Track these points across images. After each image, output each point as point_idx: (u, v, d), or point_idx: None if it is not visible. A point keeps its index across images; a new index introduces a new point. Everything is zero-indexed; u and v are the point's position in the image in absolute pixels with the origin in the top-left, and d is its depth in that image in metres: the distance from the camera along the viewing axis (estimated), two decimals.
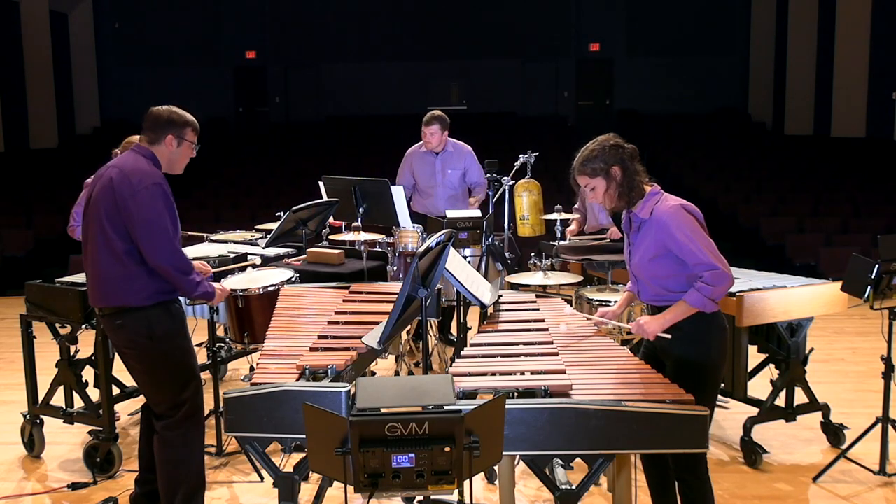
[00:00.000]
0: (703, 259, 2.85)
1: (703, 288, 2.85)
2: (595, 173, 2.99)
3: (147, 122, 3.37)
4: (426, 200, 6.03)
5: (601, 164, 2.98)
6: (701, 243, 2.86)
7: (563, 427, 2.46)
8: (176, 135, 3.36)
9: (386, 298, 3.77)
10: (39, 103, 15.65)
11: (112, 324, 3.32)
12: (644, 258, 2.98)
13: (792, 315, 4.16)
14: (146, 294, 3.25)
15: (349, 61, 18.74)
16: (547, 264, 4.62)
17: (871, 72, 14.15)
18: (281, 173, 13.75)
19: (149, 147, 3.35)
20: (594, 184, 3.01)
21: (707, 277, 2.84)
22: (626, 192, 2.97)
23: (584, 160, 3.03)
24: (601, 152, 2.98)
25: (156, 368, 3.33)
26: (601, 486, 3.85)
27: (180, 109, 3.43)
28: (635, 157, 3.01)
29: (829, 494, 3.85)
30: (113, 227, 3.21)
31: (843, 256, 6.29)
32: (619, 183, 2.97)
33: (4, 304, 8.21)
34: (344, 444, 2.00)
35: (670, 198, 2.98)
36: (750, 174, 12.83)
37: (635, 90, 18.62)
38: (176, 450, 3.35)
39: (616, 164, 2.97)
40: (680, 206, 2.93)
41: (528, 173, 5.43)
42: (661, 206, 2.93)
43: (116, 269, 3.22)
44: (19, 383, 4.57)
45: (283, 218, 4.66)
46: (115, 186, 3.21)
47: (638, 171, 2.99)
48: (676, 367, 2.94)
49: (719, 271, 2.83)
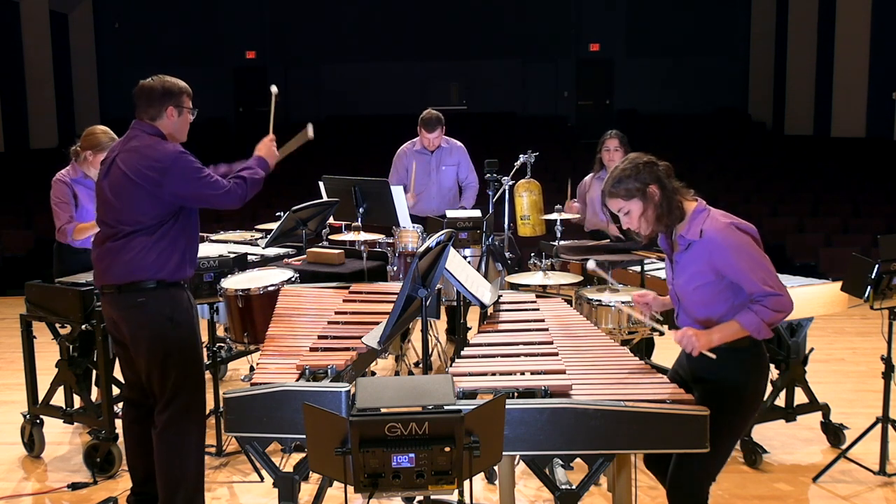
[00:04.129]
0: (761, 286, 2.61)
1: (761, 311, 2.61)
2: (630, 195, 2.72)
3: (141, 97, 3.31)
4: (419, 199, 6.00)
5: (637, 183, 2.71)
6: (760, 268, 2.63)
7: (563, 427, 2.46)
8: (175, 105, 3.33)
9: (386, 298, 3.77)
10: (39, 103, 15.64)
11: (132, 301, 3.25)
12: (692, 283, 2.73)
13: (792, 315, 4.14)
14: (172, 268, 3.26)
15: (349, 61, 18.73)
16: (547, 264, 4.62)
17: (871, 72, 14.15)
18: (281, 173, 13.73)
19: (151, 123, 3.31)
20: (629, 207, 2.74)
21: (770, 302, 2.61)
22: (665, 214, 2.71)
23: (616, 180, 2.75)
24: (635, 171, 2.72)
25: (169, 355, 3.28)
26: (601, 486, 3.84)
27: (169, 77, 3.38)
28: (671, 174, 2.76)
29: (829, 494, 3.85)
30: (138, 208, 3.20)
31: (843, 256, 6.31)
32: (657, 204, 2.71)
33: (4, 304, 8.21)
34: (344, 444, 2.00)
35: (718, 214, 2.73)
36: (750, 174, 12.82)
37: (635, 90, 18.61)
38: (180, 445, 3.30)
39: (653, 182, 2.71)
40: (733, 226, 2.68)
41: (528, 173, 5.43)
42: (711, 226, 2.68)
43: (143, 244, 3.21)
44: (19, 383, 4.57)
45: (283, 218, 4.66)
46: (138, 170, 3.18)
47: (677, 190, 2.74)
48: (711, 392, 2.69)
49: (783, 298, 2.61)
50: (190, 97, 3.41)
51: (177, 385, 3.30)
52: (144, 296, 3.25)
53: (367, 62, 18.66)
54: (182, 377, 3.30)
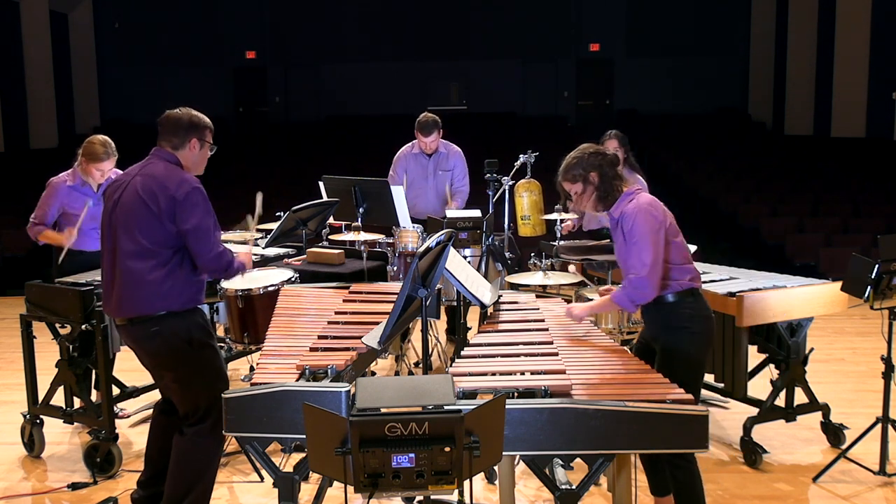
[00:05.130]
0: (637, 262, 3.04)
1: (625, 289, 3.08)
2: (575, 179, 3.23)
3: (167, 126, 3.33)
4: (415, 201, 6.00)
5: (580, 170, 3.22)
6: (645, 247, 3.03)
7: (563, 427, 2.46)
8: (199, 138, 3.36)
9: (386, 298, 3.78)
10: (39, 103, 15.65)
11: (145, 332, 3.23)
12: (618, 254, 3.20)
13: (792, 315, 4.16)
14: (185, 299, 3.24)
15: (349, 61, 18.74)
16: (547, 264, 4.62)
17: (871, 72, 14.15)
18: (281, 173, 13.74)
19: (172, 152, 3.32)
20: (575, 189, 3.25)
21: (633, 281, 3.05)
22: (604, 197, 3.20)
23: (565, 167, 3.28)
24: (580, 160, 3.23)
25: (192, 375, 3.27)
26: (601, 486, 3.84)
27: (195, 111, 3.42)
28: (615, 164, 3.24)
29: (829, 494, 3.85)
30: (149, 236, 3.16)
31: (843, 256, 6.30)
32: (596, 187, 3.20)
33: (4, 304, 8.21)
34: (344, 444, 2.00)
35: (643, 197, 3.16)
36: (750, 174, 12.82)
37: (635, 90, 18.62)
38: (201, 456, 3.29)
39: (594, 170, 3.19)
40: (644, 205, 3.10)
41: (528, 173, 5.43)
42: (628, 206, 3.13)
43: (154, 276, 3.17)
44: (19, 383, 4.57)
45: (283, 218, 4.66)
46: (154, 195, 3.16)
47: (617, 177, 3.22)
48: (662, 355, 3.14)
49: (643, 280, 3.02)
50: (212, 132, 3.46)
51: (209, 404, 3.27)
52: (157, 325, 3.22)
53: (367, 62, 18.67)
54: (213, 397, 3.23)
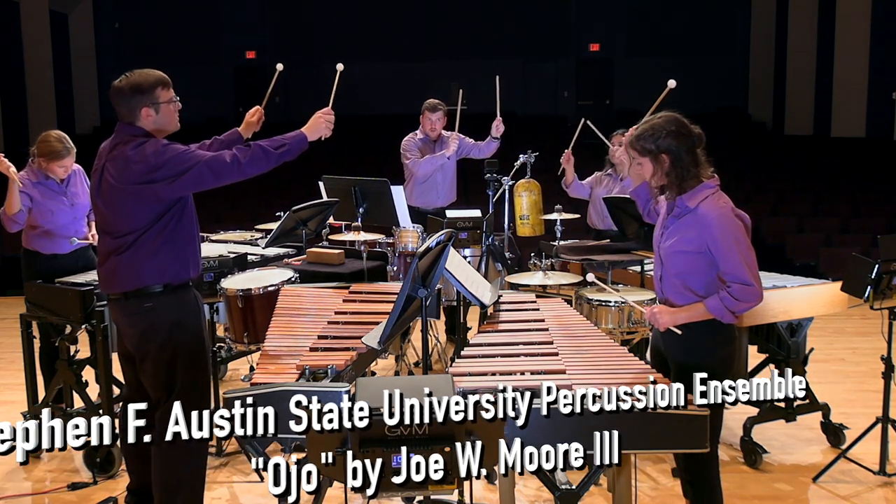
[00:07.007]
0: (738, 271, 2.75)
1: (726, 298, 2.76)
2: (644, 152, 2.86)
3: (114, 99, 3.19)
4: (427, 193, 6.02)
5: (652, 146, 2.84)
6: (742, 254, 2.76)
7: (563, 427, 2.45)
8: (149, 103, 3.14)
9: (386, 298, 3.77)
10: (39, 103, 15.63)
11: (139, 307, 3.19)
12: (675, 248, 2.86)
13: (792, 315, 4.16)
14: (178, 266, 3.19)
15: (349, 61, 18.68)
16: (547, 264, 4.62)
17: (871, 72, 14.14)
18: (281, 173, 13.73)
19: (134, 124, 3.18)
20: (640, 160, 2.89)
21: (735, 290, 2.75)
22: (674, 183, 2.84)
23: (639, 133, 2.88)
24: (656, 134, 2.84)
25: (176, 358, 3.22)
26: (601, 486, 3.84)
27: (139, 71, 3.18)
28: (695, 148, 2.86)
29: (829, 494, 3.85)
30: (133, 213, 3.11)
31: (843, 256, 6.29)
32: (666, 171, 2.84)
33: (4, 304, 8.20)
34: (344, 444, 2.00)
35: (723, 197, 2.86)
36: (750, 174, 12.82)
37: (635, 90, 18.56)
38: (177, 455, 3.18)
39: (666, 152, 2.82)
40: (731, 210, 2.82)
41: (527, 173, 5.44)
42: (710, 203, 2.80)
43: (146, 248, 3.13)
44: (19, 383, 4.57)
45: (283, 218, 4.66)
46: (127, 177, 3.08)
47: (695, 163, 2.84)
48: (679, 371, 2.89)
49: (752, 288, 2.75)
50: (166, 87, 3.21)
51: (182, 389, 3.22)
52: (152, 301, 3.20)
53: (368, 62, 18.65)
54: (188, 382, 3.23)
